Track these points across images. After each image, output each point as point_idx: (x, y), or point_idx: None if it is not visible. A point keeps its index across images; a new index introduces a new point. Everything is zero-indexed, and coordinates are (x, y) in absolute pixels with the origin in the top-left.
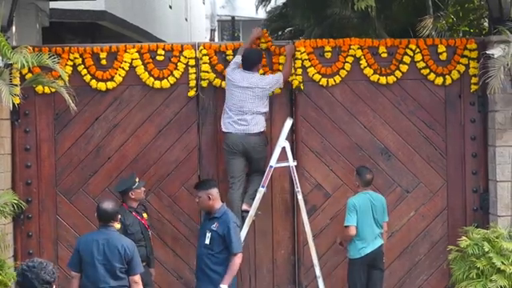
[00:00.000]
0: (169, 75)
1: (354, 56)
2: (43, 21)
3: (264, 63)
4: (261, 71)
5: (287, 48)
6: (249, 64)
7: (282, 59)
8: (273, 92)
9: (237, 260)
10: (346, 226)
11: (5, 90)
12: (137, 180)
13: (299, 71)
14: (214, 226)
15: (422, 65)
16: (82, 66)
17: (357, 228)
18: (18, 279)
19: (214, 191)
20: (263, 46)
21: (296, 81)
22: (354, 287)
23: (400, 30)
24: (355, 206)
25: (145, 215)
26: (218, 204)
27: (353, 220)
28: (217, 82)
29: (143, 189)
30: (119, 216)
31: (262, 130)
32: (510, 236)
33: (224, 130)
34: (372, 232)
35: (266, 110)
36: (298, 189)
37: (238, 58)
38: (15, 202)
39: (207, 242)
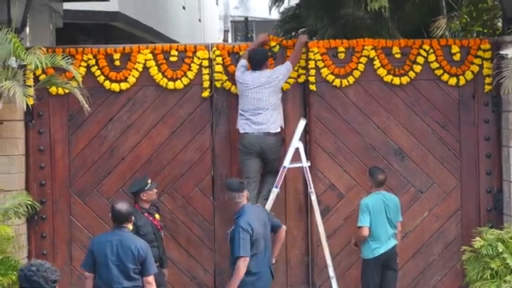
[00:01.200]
0: (182, 76)
1: (368, 56)
2: (57, 22)
3: (271, 62)
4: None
5: (299, 37)
6: (257, 63)
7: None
8: (282, 88)
9: (239, 263)
10: (359, 227)
11: (18, 91)
12: (149, 182)
13: (312, 72)
14: (231, 228)
15: (435, 65)
16: (96, 67)
17: (370, 228)
18: (25, 286)
19: (234, 194)
20: (275, 49)
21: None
22: (367, 287)
23: (413, 30)
24: (368, 207)
25: (157, 216)
26: (237, 206)
27: (366, 221)
28: (227, 84)
29: (155, 190)
30: (133, 217)
31: (279, 129)
32: None
33: (241, 131)
34: (386, 232)
35: (280, 102)
36: (311, 189)
37: (244, 61)
38: (29, 202)
39: (229, 242)
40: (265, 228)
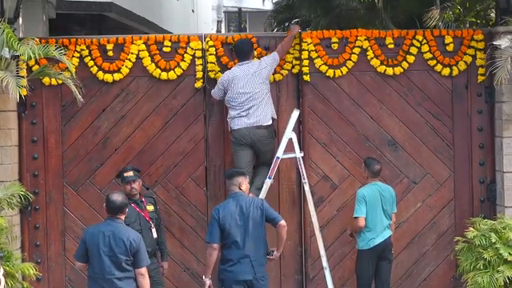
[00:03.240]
0: (175, 66)
1: (361, 47)
2: (50, 12)
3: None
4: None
5: (292, 28)
6: (243, 53)
7: None
8: (274, 78)
9: (206, 250)
10: (355, 217)
11: (12, 81)
12: (127, 175)
13: (306, 62)
14: None
15: (428, 56)
16: (89, 58)
17: (366, 219)
18: None
19: (227, 181)
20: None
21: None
22: (361, 278)
23: (407, 20)
24: (364, 197)
25: (149, 207)
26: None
27: (362, 211)
28: (220, 75)
29: (130, 186)
30: (127, 209)
31: (271, 121)
32: None
33: (235, 127)
34: (381, 223)
35: (269, 94)
36: (304, 180)
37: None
38: (22, 193)
39: None
40: (244, 218)
